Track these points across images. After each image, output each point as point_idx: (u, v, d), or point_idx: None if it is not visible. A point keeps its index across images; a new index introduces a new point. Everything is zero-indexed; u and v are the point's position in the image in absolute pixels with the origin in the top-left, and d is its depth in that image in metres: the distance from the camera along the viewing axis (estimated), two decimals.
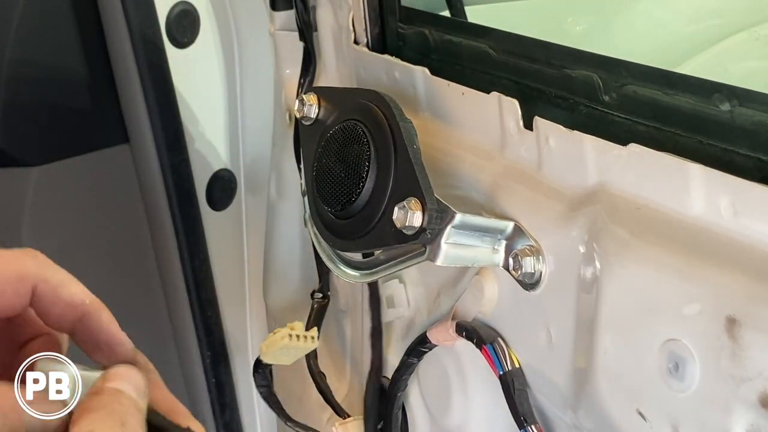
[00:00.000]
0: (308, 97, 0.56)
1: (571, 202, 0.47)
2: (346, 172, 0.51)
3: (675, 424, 0.40)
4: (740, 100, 0.41)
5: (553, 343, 0.48)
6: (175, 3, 1.01)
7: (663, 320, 0.40)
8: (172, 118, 1.02)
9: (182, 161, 1.04)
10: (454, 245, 0.47)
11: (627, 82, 0.47)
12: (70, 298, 0.46)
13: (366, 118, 0.51)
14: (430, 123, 0.60)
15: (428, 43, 0.64)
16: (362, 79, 0.69)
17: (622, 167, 0.44)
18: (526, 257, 0.48)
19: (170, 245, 1.06)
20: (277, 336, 0.57)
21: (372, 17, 0.68)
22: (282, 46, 0.86)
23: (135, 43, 0.98)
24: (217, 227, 1.10)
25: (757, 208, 0.38)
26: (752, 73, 0.90)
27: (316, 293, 0.82)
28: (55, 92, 1.00)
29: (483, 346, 0.51)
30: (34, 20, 0.96)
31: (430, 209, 0.46)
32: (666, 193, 0.42)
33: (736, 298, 0.37)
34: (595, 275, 0.45)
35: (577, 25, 0.95)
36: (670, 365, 0.40)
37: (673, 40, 0.99)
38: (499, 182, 0.52)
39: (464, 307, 0.54)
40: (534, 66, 0.54)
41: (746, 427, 0.37)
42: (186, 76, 1.03)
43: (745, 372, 0.36)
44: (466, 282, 0.55)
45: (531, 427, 0.49)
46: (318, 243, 0.59)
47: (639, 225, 0.43)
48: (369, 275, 0.55)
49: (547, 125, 0.49)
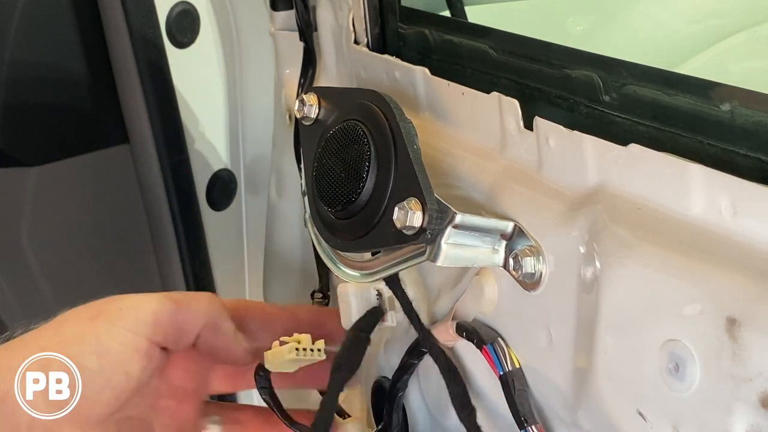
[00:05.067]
0: (308, 97, 0.56)
1: (572, 202, 0.47)
2: (347, 172, 0.51)
3: (675, 425, 0.40)
4: (740, 100, 0.41)
5: (553, 344, 0.48)
6: (175, 3, 1.01)
7: (663, 320, 0.40)
8: (172, 118, 1.02)
9: (182, 161, 1.04)
10: (455, 245, 0.47)
11: (627, 82, 0.47)
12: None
13: (366, 118, 0.51)
14: (430, 123, 0.60)
15: (428, 43, 0.64)
16: (362, 79, 0.69)
17: (622, 167, 0.44)
18: (526, 257, 0.48)
19: (170, 245, 1.06)
20: (283, 349, 0.57)
21: (372, 17, 0.68)
22: (282, 46, 0.87)
23: (135, 43, 0.98)
24: (217, 227, 1.10)
25: (757, 208, 0.38)
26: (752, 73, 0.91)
27: (316, 293, 0.82)
28: (55, 92, 1.00)
29: (483, 346, 0.51)
30: (34, 20, 0.96)
31: (431, 209, 0.46)
32: (666, 194, 0.42)
33: (737, 298, 0.37)
34: (595, 275, 0.45)
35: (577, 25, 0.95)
36: (670, 365, 0.40)
37: (673, 40, 0.99)
38: (499, 182, 0.52)
39: (464, 307, 0.54)
40: (534, 66, 0.54)
41: (746, 427, 0.37)
42: (186, 76, 1.03)
43: (746, 372, 0.36)
44: (466, 282, 0.55)
45: (531, 428, 0.49)
46: (318, 243, 0.59)
47: (639, 225, 0.43)
48: (369, 275, 0.55)
49: (547, 125, 0.48)
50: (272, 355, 0.58)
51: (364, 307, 0.59)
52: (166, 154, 1.02)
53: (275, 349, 0.58)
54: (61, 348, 0.50)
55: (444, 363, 0.54)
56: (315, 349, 0.58)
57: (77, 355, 0.50)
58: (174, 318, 0.53)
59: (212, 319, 0.56)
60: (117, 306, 0.53)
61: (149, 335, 0.53)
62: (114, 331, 0.51)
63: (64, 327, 0.52)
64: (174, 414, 0.58)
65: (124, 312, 0.53)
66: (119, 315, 0.52)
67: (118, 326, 0.52)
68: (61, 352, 0.50)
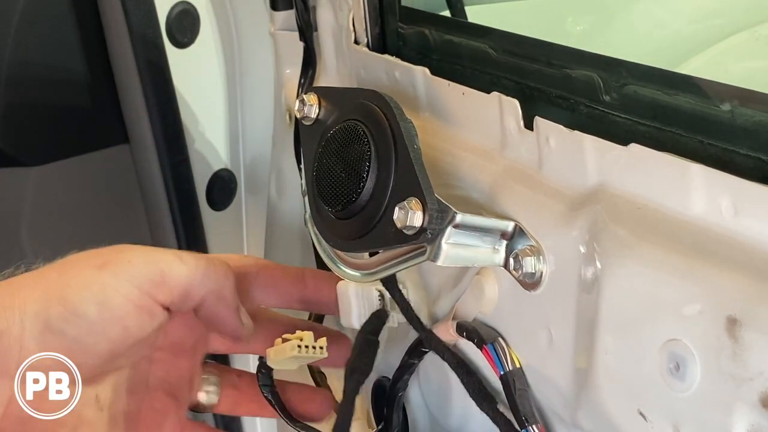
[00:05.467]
0: (308, 97, 0.56)
1: (572, 201, 0.47)
2: (347, 172, 0.51)
3: (676, 425, 0.40)
4: (740, 100, 0.41)
5: (553, 343, 0.48)
6: (175, 3, 1.01)
7: (663, 320, 0.40)
8: (172, 118, 1.02)
9: (182, 161, 1.04)
10: (455, 245, 0.47)
11: (627, 82, 0.47)
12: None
13: (366, 118, 0.51)
14: (430, 123, 0.60)
15: (428, 43, 0.64)
16: (362, 79, 0.69)
17: (622, 167, 0.44)
18: (526, 257, 0.48)
19: (170, 245, 1.06)
20: (286, 346, 0.57)
21: (372, 17, 0.68)
22: (282, 46, 0.87)
23: (135, 43, 0.98)
24: (217, 227, 1.10)
25: (757, 208, 0.38)
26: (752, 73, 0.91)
27: None
28: (55, 92, 1.00)
29: (484, 346, 0.51)
30: (34, 20, 0.96)
31: (431, 209, 0.46)
32: (666, 193, 0.42)
33: (737, 298, 0.37)
34: (595, 275, 0.45)
35: (577, 25, 0.95)
36: (670, 365, 0.40)
37: (673, 40, 0.99)
38: (500, 182, 0.52)
39: (465, 307, 0.54)
40: (534, 66, 0.54)
41: (747, 427, 0.37)
42: (186, 76, 1.03)
43: (746, 372, 0.36)
44: (466, 282, 0.55)
45: (532, 427, 0.49)
46: (318, 243, 0.59)
47: (639, 225, 0.43)
48: (369, 275, 0.55)
49: (547, 125, 0.49)
50: (274, 352, 0.58)
51: (363, 306, 0.59)
52: (166, 154, 1.02)
53: (278, 347, 0.58)
54: (63, 293, 0.49)
55: (452, 359, 0.54)
56: (317, 347, 0.58)
57: (78, 302, 0.49)
58: (181, 281, 0.52)
59: (219, 289, 0.54)
60: (127, 258, 0.51)
61: (154, 293, 0.51)
62: (118, 284, 0.50)
63: (70, 272, 0.50)
64: (169, 368, 0.57)
65: (133, 265, 0.51)
66: (127, 268, 0.51)
67: (123, 279, 0.50)
68: (63, 297, 0.48)
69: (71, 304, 0.49)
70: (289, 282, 0.61)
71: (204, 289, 0.53)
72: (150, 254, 0.52)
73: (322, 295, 0.61)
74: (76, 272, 0.50)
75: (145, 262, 0.52)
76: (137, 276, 0.51)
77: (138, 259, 0.52)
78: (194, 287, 0.53)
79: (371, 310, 0.59)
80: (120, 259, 0.51)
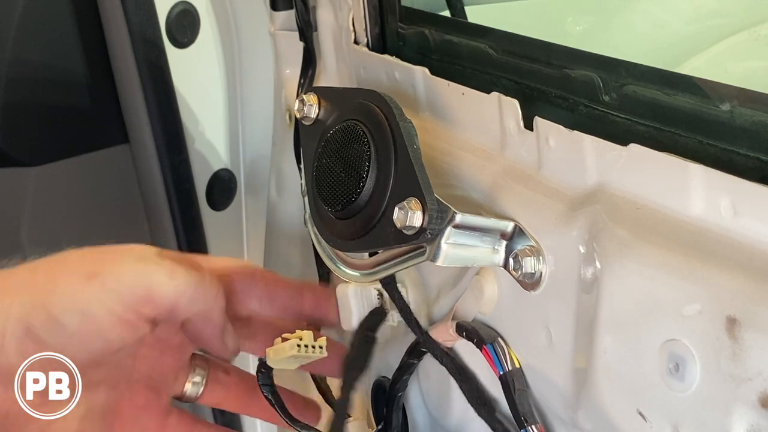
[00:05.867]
0: (308, 97, 0.56)
1: (572, 202, 0.47)
2: (347, 172, 0.51)
3: (676, 425, 0.40)
4: (740, 100, 0.41)
5: (553, 343, 0.48)
6: (175, 3, 1.01)
7: (663, 320, 0.40)
8: (172, 118, 1.02)
9: (182, 161, 1.04)
10: (455, 245, 0.47)
11: (627, 82, 0.47)
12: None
13: (366, 118, 0.51)
14: (430, 123, 0.60)
15: (428, 43, 0.64)
16: (362, 79, 0.69)
17: (622, 167, 0.44)
18: (526, 257, 0.48)
19: (170, 245, 1.06)
20: (286, 345, 0.57)
21: (372, 17, 0.68)
22: (282, 46, 0.87)
23: (135, 43, 0.97)
24: (217, 227, 1.10)
25: (757, 208, 0.38)
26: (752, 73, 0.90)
27: None
28: (55, 92, 1.00)
29: (483, 346, 0.51)
30: (34, 20, 0.96)
31: (431, 209, 0.46)
32: (666, 193, 0.42)
33: (736, 298, 0.37)
34: (595, 275, 0.45)
35: (577, 25, 0.95)
36: (670, 365, 0.40)
37: (673, 40, 0.99)
38: (499, 182, 0.52)
39: (464, 307, 0.54)
40: (534, 66, 0.54)
41: (746, 427, 0.37)
42: (186, 76, 1.03)
43: (746, 372, 0.36)
44: (466, 282, 0.55)
45: (532, 427, 0.49)
46: (318, 243, 0.59)
47: (639, 225, 0.43)
48: (369, 275, 0.55)
49: (547, 125, 0.49)
50: (274, 351, 0.58)
51: (363, 308, 0.59)
52: (166, 154, 1.02)
53: (277, 346, 0.58)
54: (47, 299, 0.49)
55: (450, 363, 0.54)
56: (317, 347, 0.58)
57: (61, 312, 0.49)
58: (168, 299, 0.52)
59: (206, 310, 0.54)
60: (117, 270, 0.51)
61: (139, 309, 0.51)
62: (104, 297, 0.50)
63: (58, 278, 0.50)
64: (153, 365, 0.57)
65: (121, 279, 0.50)
66: (115, 281, 0.50)
67: (109, 292, 0.50)
68: (46, 304, 0.48)
69: (54, 313, 0.49)
70: (287, 295, 0.61)
71: (191, 309, 0.53)
72: (141, 267, 0.52)
73: (319, 311, 0.61)
74: (63, 279, 0.50)
75: (135, 276, 0.51)
76: (124, 291, 0.50)
77: (127, 274, 0.51)
78: (181, 307, 0.52)
79: (371, 309, 0.59)
80: (109, 271, 0.51)
